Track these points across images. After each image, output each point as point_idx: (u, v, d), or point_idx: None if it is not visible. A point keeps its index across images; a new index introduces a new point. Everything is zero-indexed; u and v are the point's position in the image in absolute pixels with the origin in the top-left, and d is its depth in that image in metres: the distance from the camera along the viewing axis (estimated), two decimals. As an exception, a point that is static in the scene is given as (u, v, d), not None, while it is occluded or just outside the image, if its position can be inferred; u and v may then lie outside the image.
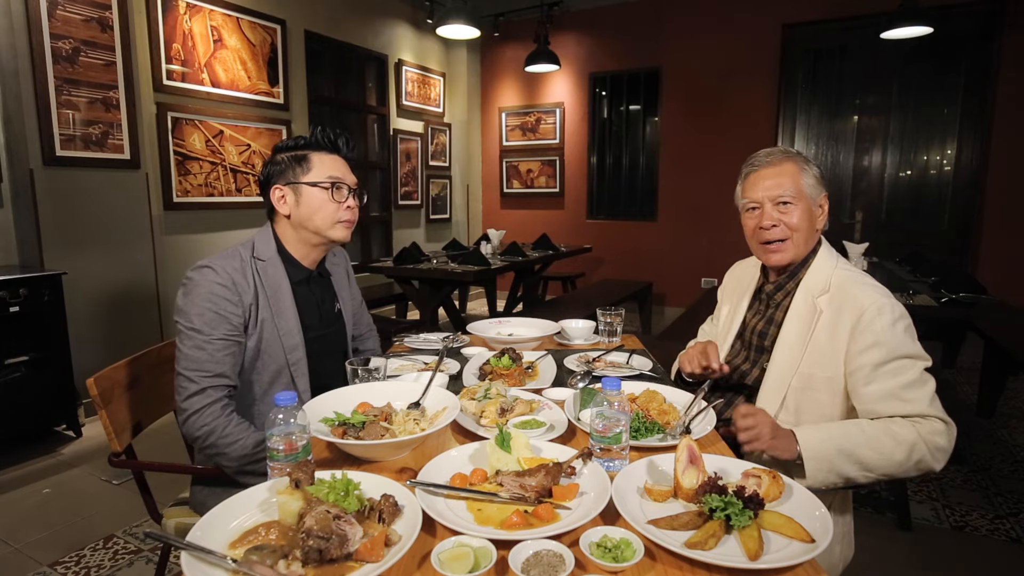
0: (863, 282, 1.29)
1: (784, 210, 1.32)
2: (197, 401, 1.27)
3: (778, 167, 1.34)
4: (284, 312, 1.40)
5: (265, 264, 1.40)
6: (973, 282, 2.74)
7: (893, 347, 1.20)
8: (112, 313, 3.33)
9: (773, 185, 1.33)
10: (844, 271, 1.33)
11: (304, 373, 1.42)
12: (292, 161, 1.41)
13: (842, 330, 1.25)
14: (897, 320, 1.22)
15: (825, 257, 1.36)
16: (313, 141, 1.44)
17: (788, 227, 1.32)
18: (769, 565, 0.74)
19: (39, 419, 2.90)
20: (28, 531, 2.19)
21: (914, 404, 1.20)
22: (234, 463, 1.29)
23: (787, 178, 1.32)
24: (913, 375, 1.21)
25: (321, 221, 1.40)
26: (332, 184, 1.40)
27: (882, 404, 1.22)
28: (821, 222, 1.36)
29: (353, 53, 5.27)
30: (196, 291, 1.31)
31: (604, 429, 0.98)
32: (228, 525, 0.81)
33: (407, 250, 4.02)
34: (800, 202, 1.32)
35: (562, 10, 5.94)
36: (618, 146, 6.22)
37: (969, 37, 4.65)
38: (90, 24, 3.10)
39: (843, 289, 1.29)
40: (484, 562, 0.73)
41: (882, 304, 1.22)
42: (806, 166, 1.34)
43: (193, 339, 1.28)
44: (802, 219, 1.32)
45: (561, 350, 1.75)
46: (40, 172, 2.98)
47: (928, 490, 2.44)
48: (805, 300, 1.34)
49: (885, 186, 5.07)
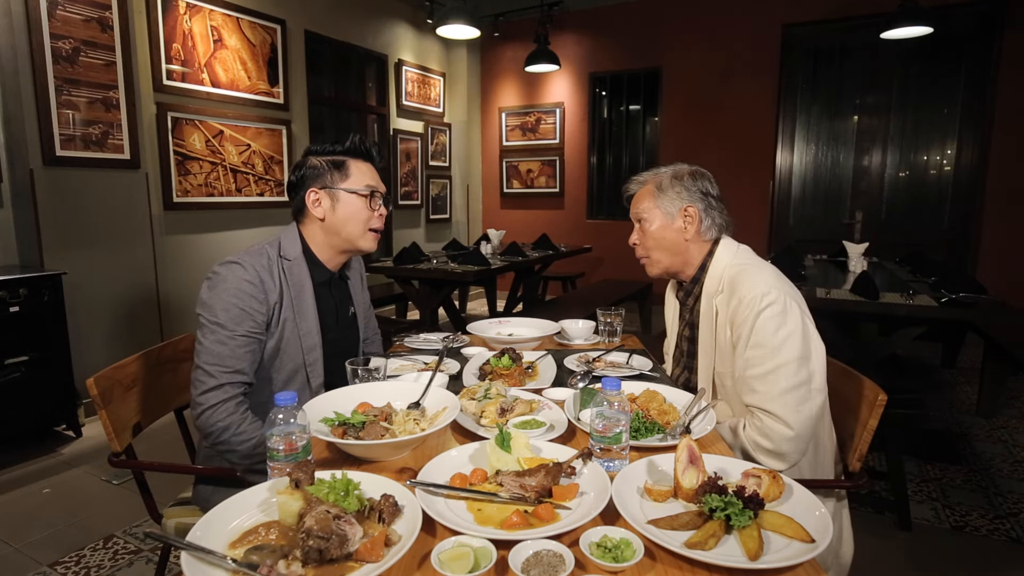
0: (748, 273, 1.33)
1: (640, 229, 1.46)
2: (214, 396, 1.28)
3: (639, 190, 1.48)
4: (305, 313, 1.41)
5: (291, 264, 1.42)
6: (973, 282, 2.73)
7: (755, 338, 1.25)
8: (112, 313, 3.34)
9: (634, 207, 1.47)
10: (736, 266, 1.37)
11: (320, 373, 1.44)
12: (330, 166, 1.43)
13: (731, 325, 1.32)
14: (764, 309, 1.25)
15: (721, 256, 1.41)
16: (351, 148, 1.46)
17: (643, 246, 1.47)
18: (769, 565, 0.74)
19: (39, 419, 2.90)
20: (28, 531, 2.19)
21: (759, 396, 1.25)
22: (245, 461, 1.30)
23: (643, 199, 1.45)
24: (766, 367, 1.24)
25: (354, 228, 1.44)
26: (371, 192, 1.44)
27: (742, 390, 1.30)
28: (691, 231, 1.42)
29: (353, 53, 5.27)
30: (223, 286, 1.31)
31: (604, 429, 0.98)
32: (228, 525, 0.81)
33: (407, 250, 4.02)
34: (654, 220, 1.43)
35: (562, 10, 5.94)
36: (618, 146, 6.23)
37: (969, 37, 4.65)
38: (90, 24, 3.10)
39: (731, 284, 1.35)
40: (484, 562, 0.73)
41: (755, 294, 1.26)
42: (665, 181, 1.43)
43: (216, 334, 1.29)
44: (655, 236, 1.43)
45: (561, 350, 1.75)
46: (40, 172, 2.98)
47: (928, 490, 2.44)
48: (707, 302, 1.41)
49: (885, 186, 5.07)
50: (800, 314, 1.27)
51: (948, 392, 3.56)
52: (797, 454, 1.24)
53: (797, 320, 1.25)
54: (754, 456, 1.25)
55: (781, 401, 1.22)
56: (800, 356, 1.24)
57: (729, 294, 1.34)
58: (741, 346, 1.29)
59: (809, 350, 1.26)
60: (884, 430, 1.72)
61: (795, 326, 1.25)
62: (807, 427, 1.23)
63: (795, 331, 1.24)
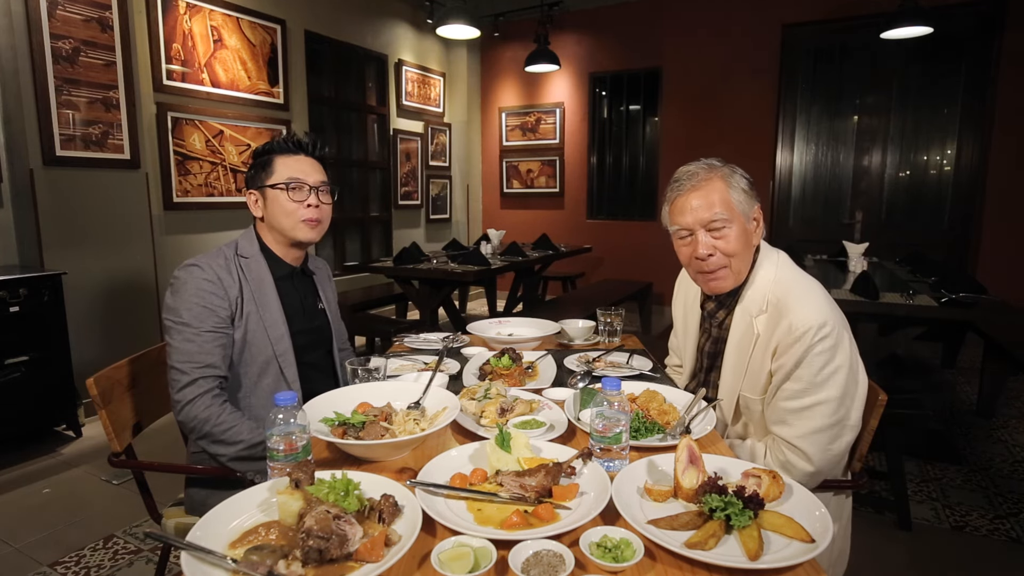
0: (798, 296, 1.20)
1: (718, 235, 1.23)
2: (190, 392, 1.31)
3: (704, 187, 1.23)
4: (268, 305, 1.45)
5: (248, 261, 1.47)
6: (973, 282, 2.73)
7: (800, 371, 1.16)
8: (112, 313, 3.33)
9: (702, 207, 1.22)
10: (783, 284, 1.24)
11: (292, 363, 1.46)
12: (260, 166, 1.48)
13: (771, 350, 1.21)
14: (816, 343, 1.13)
15: (764, 272, 1.27)
16: (277, 145, 1.49)
17: (724, 254, 1.23)
18: (769, 565, 0.74)
19: (39, 419, 2.90)
20: (28, 531, 2.19)
21: (789, 430, 1.18)
22: (229, 449, 1.32)
23: (716, 196, 1.22)
24: (804, 403, 1.16)
25: (284, 221, 1.46)
26: (287, 184, 1.45)
27: (771, 419, 1.22)
28: (758, 237, 1.28)
29: (353, 53, 5.26)
30: (184, 288, 1.36)
31: (604, 429, 0.98)
32: (228, 525, 0.81)
33: (407, 250, 4.01)
34: (733, 223, 1.22)
35: (562, 10, 5.94)
36: (618, 146, 6.22)
37: (969, 37, 4.65)
38: (90, 24, 3.10)
39: (778, 307, 1.21)
40: (484, 562, 0.73)
41: (809, 326, 1.14)
42: (733, 178, 1.25)
43: (183, 333, 1.33)
44: (738, 241, 1.22)
45: (561, 350, 1.75)
46: (40, 172, 2.98)
47: (928, 490, 2.44)
48: (744, 320, 1.27)
49: (885, 186, 5.07)
50: (850, 347, 1.17)
51: (948, 392, 3.56)
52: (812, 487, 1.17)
53: (846, 355, 1.16)
54: None
55: (811, 440, 1.15)
56: (842, 395, 1.15)
57: (775, 317, 1.20)
58: (780, 376, 1.18)
59: (854, 387, 1.18)
60: (884, 430, 1.73)
61: (843, 361, 1.15)
62: (830, 465, 1.17)
63: (842, 367, 1.15)
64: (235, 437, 1.32)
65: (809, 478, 1.17)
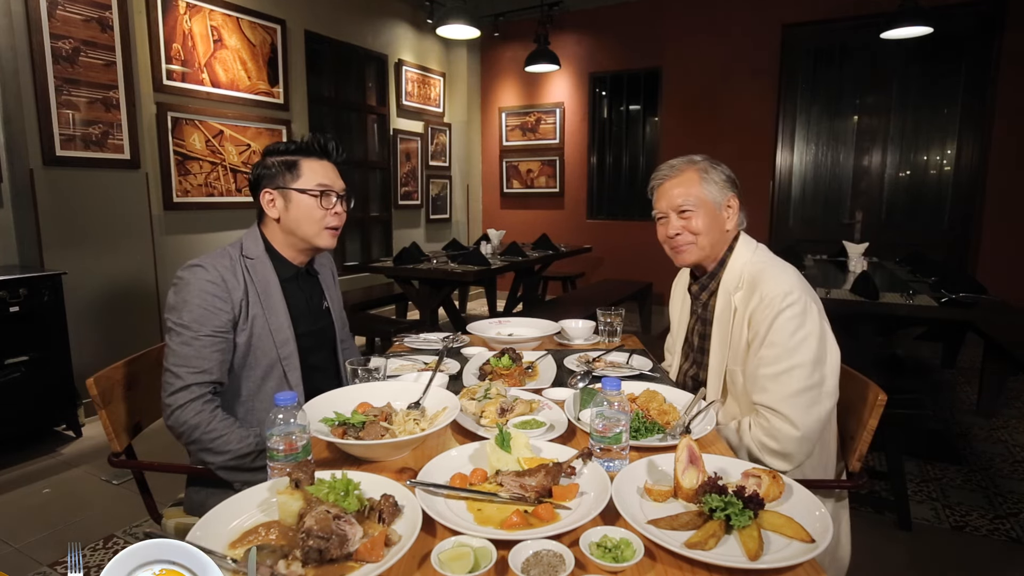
0: (770, 272, 1.32)
1: (686, 217, 1.40)
2: (181, 396, 1.29)
3: (679, 177, 1.42)
4: (274, 308, 1.43)
5: (254, 262, 1.44)
6: (973, 282, 2.73)
7: (772, 337, 1.26)
8: (112, 313, 3.33)
9: (675, 195, 1.41)
10: (757, 263, 1.37)
11: (296, 367, 1.44)
12: (282, 166, 1.44)
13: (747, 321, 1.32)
14: (784, 309, 1.25)
15: (740, 252, 1.41)
16: (304, 147, 1.46)
17: (691, 232, 1.41)
18: (769, 565, 0.74)
19: (39, 419, 2.90)
20: (28, 531, 2.19)
21: (769, 395, 1.25)
22: (217, 458, 1.30)
23: (686, 187, 1.40)
24: (780, 367, 1.24)
25: (309, 227, 1.44)
26: (321, 192, 1.43)
27: (753, 389, 1.29)
28: (731, 223, 1.42)
29: (353, 53, 5.26)
30: (187, 289, 1.34)
31: (604, 429, 0.98)
32: (228, 525, 0.81)
33: (407, 250, 4.02)
34: (701, 208, 1.39)
35: (562, 10, 5.94)
36: (618, 146, 6.22)
37: (969, 37, 4.65)
38: (90, 24, 3.10)
39: (752, 282, 1.34)
40: (484, 562, 0.73)
41: (776, 293, 1.26)
42: (708, 173, 1.41)
43: (182, 335, 1.31)
44: (706, 223, 1.39)
45: (561, 350, 1.75)
46: (40, 172, 2.98)
47: (928, 490, 2.44)
48: (724, 298, 1.40)
49: (885, 186, 5.07)
50: (819, 317, 1.28)
51: (948, 392, 3.56)
52: (802, 455, 1.24)
53: (816, 323, 1.26)
54: (759, 457, 1.25)
55: (791, 402, 1.22)
56: (815, 359, 1.24)
57: (749, 291, 1.33)
58: (756, 344, 1.29)
59: (825, 353, 1.26)
60: (884, 430, 1.72)
61: (813, 328, 1.25)
62: (814, 429, 1.23)
63: (812, 333, 1.25)
64: (223, 447, 1.29)
65: (797, 444, 1.23)
